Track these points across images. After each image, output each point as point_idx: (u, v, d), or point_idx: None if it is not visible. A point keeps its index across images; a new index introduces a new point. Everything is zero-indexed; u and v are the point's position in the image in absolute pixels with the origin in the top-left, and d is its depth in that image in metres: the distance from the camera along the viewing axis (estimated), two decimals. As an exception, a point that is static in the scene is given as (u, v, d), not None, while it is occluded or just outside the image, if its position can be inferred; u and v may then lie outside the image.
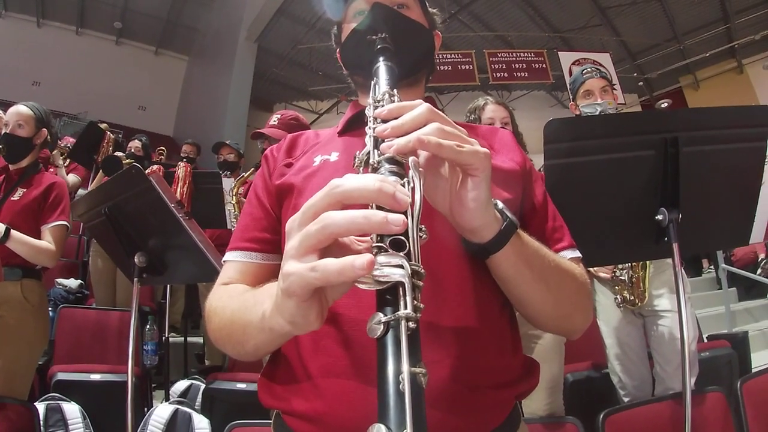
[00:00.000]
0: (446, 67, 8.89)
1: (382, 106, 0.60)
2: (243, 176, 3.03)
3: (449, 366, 0.64)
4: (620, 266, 2.05)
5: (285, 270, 0.45)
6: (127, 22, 10.76)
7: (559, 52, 8.96)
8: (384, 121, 0.56)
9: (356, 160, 0.56)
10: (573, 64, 8.63)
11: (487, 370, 0.68)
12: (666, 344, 1.98)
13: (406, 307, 0.39)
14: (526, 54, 9.18)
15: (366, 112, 0.64)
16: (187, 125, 10.82)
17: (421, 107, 0.55)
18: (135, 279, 1.68)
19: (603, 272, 2.11)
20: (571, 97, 2.26)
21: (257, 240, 0.81)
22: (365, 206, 0.45)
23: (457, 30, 9.54)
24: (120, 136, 4.54)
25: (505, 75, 9.00)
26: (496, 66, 8.98)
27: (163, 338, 3.16)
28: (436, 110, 0.55)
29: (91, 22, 10.72)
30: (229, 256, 0.82)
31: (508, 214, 0.61)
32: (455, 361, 0.65)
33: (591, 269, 2.13)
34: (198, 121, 10.15)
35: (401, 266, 0.41)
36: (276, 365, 0.75)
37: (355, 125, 0.86)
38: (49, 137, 2.31)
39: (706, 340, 2.75)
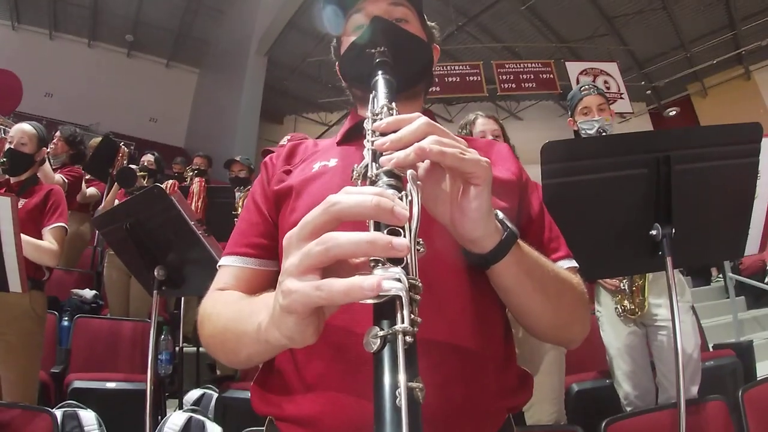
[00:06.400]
0: (454, 79, 8.93)
1: (381, 119, 0.60)
2: (248, 189, 3.08)
3: (443, 377, 0.64)
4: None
5: (285, 287, 0.44)
6: (138, 35, 10.93)
7: (566, 63, 8.99)
8: (383, 134, 0.55)
9: (354, 173, 0.56)
10: (580, 74, 8.66)
11: (481, 381, 0.68)
12: (667, 353, 2.01)
13: (403, 321, 0.39)
14: (533, 65, 9.23)
15: (364, 125, 0.64)
16: (199, 137, 10.93)
17: (419, 120, 0.54)
18: (154, 291, 1.74)
19: (608, 284, 2.16)
20: (569, 113, 2.31)
21: (253, 245, 0.80)
22: (363, 223, 0.45)
23: (464, 41, 9.60)
24: (132, 148, 4.64)
25: (513, 86, 9.04)
26: (504, 77, 9.03)
27: (176, 348, 3.21)
28: (435, 123, 0.55)
29: (103, 34, 10.90)
30: (224, 261, 0.81)
31: (509, 224, 0.62)
32: (449, 373, 0.65)
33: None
34: (209, 132, 10.25)
35: (399, 280, 0.40)
36: (269, 372, 0.75)
37: (354, 136, 0.85)
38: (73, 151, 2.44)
39: (711, 350, 2.77)
